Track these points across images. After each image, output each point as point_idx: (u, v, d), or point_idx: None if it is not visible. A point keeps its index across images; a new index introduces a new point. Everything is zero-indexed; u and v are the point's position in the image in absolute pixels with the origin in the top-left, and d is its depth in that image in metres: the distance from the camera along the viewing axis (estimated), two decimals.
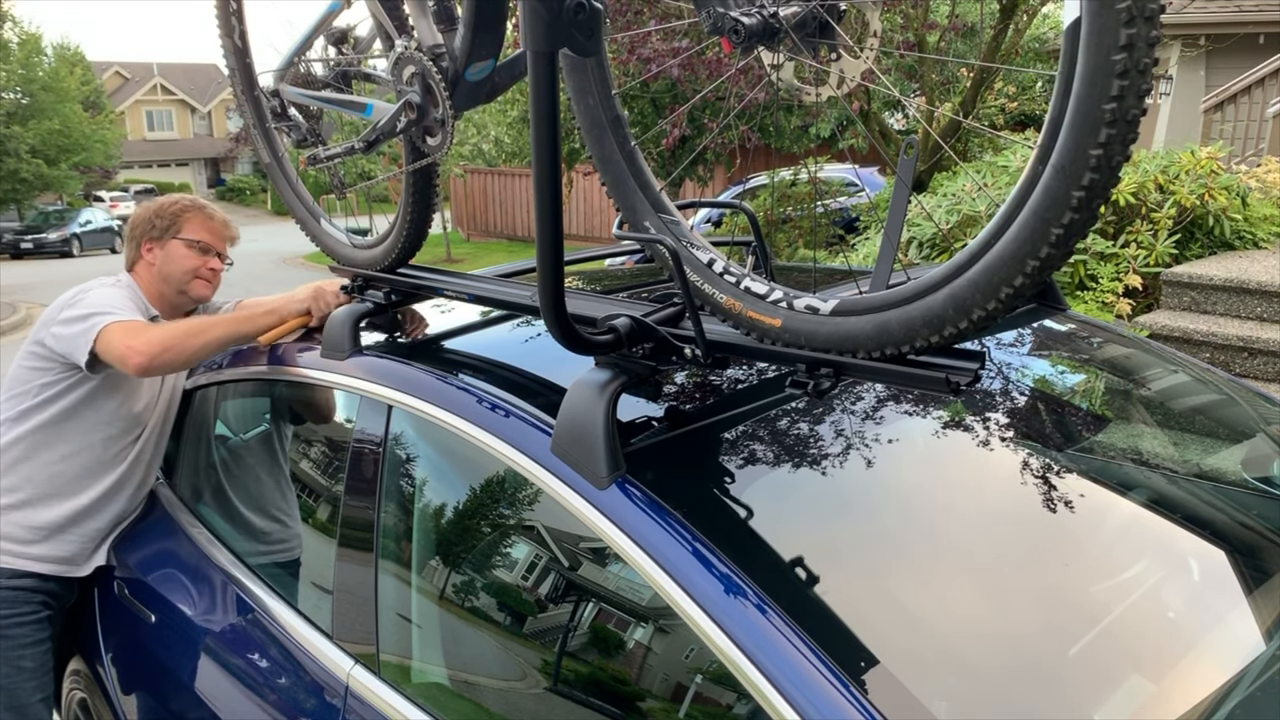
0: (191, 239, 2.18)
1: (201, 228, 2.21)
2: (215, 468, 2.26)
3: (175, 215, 2.20)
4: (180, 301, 2.21)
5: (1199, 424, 1.98)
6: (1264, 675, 1.28)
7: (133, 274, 2.21)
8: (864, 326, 1.19)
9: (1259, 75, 8.37)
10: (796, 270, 2.63)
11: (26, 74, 26.24)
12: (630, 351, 1.41)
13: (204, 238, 2.20)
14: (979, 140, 10.01)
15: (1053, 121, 0.96)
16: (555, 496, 1.36)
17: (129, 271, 2.22)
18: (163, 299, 2.20)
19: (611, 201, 1.48)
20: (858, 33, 1.25)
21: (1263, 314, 4.53)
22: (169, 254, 2.18)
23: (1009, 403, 1.77)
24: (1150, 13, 0.88)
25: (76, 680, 2.33)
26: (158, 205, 2.23)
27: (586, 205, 18.63)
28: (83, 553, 2.16)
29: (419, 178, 1.86)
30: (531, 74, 1.19)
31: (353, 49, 1.94)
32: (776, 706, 1.08)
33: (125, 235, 2.24)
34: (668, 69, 6.83)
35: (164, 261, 2.18)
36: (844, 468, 1.46)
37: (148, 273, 2.19)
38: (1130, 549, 1.53)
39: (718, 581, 1.19)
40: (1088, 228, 0.99)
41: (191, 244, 2.18)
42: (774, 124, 10.61)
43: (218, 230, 2.24)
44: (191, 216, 2.21)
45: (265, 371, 2.06)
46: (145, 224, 2.20)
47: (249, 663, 1.83)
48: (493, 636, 1.55)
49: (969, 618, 1.32)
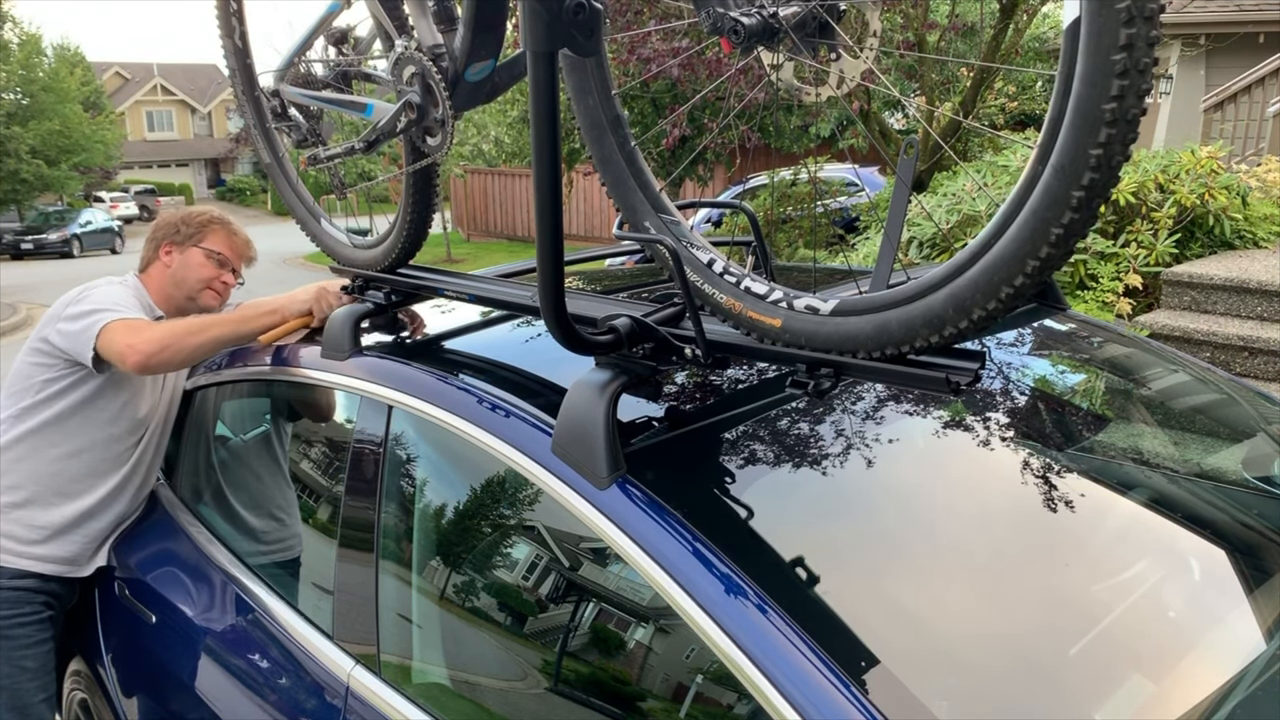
0: (212, 250, 2.22)
1: (224, 242, 2.25)
2: (215, 468, 2.26)
3: (201, 225, 2.23)
4: (187, 308, 2.22)
5: (1199, 424, 1.98)
6: (1264, 675, 1.28)
7: (143, 275, 2.23)
8: (864, 326, 1.19)
9: (1259, 75, 8.37)
10: (796, 270, 2.63)
11: (26, 74, 26.25)
12: (630, 351, 1.41)
13: (224, 251, 2.24)
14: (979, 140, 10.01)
15: (1052, 121, 0.96)
16: (556, 497, 1.36)
17: (141, 273, 2.24)
18: (170, 302, 2.21)
19: (611, 201, 1.48)
20: (857, 33, 1.25)
21: (1263, 313, 4.53)
22: (187, 260, 2.20)
23: (1009, 403, 1.77)
24: (1150, 12, 0.88)
25: (77, 680, 2.33)
26: (186, 212, 2.28)
27: (586, 205, 18.63)
28: (85, 553, 2.16)
29: (419, 178, 1.86)
30: (531, 74, 1.19)
31: (353, 49, 1.94)
32: (777, 706, 1.08)
33: (147, 236, 2.27)
34: (668, 69, 6.83)
35: (180, 266, 2.20)
36: (844, 468, 1.46)
37: (160, 275, 2.21)
38: (1130, 549, 1.53)
39: (718, 581, 1.19)
40: (1088, 227, 0.99)
41: (211, 254, 2.22)
42: (774, 124, 10.61)
43: (239, 248, 2.28)
44: (216, 229, 2.25)
45: (265, 372, 2.06)
46: (170, 228, 2.23)
47: (249, 663, 1.83)
48: (493, 637, 1.55)
49: (969, 617, 1.32)
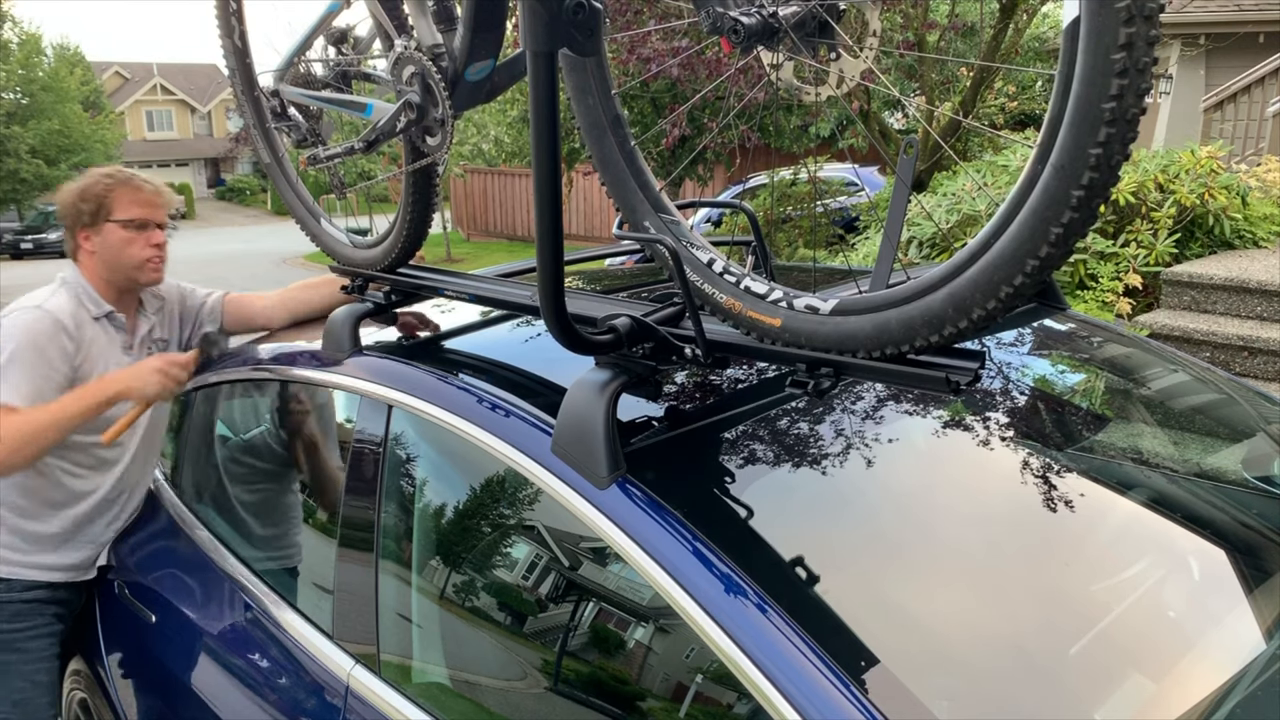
0: (125, 219, 2.02)
1: (132, 203, 2.03)
2: (215, 468, 2.26)
3: (101, 197, 2.02)
4: (137, 283, 2.09)
5: (1199, 423, 1.98)
6: (1264, 675, 1.28)
7: (77, 264, 2.07)
8: (864, 326, 1.19)
9: (1259, 74, 8.37)
10: (796, 270, 2.63)
11: (26, 74, 26.28)
12: (630, 351, 1.41)
13: (137, 214, 2.03)
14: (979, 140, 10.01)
15: (1052, 121, 0.96)
16: (555, 496, 1.36)
17: (74, 260, 2.07)
18: (111, 287, 2.07)
19: (611, 201, 1.48)
20: (857, 32, 1.25)
21: (1263, 313, 4.53)
22: (106, 240, 2.02)
23: (1009, 403, 1.77)
24: (1150, 12, 0.88)
25: (77, 680, 2.33)
26: (80, 188, 2.04)
27: (586, 205, 18.63)
28: (91, 557, 2.15)
29: (419, 178, 1.86)
30: (531, 74, 1.19)
31: (352, 49, 1.94)
32: (777, 706, 1.08)
33: (64, 223, 2.07)
34: (668, 69, 6.83)
35: (104, 249, 2.03)
36: (844, 468, 1.46)
37: (91, 263, 2.05)
38: (1130, 548, 1.53)
39: (718, 581, 1.19)
40: (1087, 227, 0.99)
41: (127, 224, 2.02)
42: (774, 124, 10.61)
43: (150, 200, 2.06)
44: (119, 193, 2.02)
45: (265, 372, 2.06)
46: (73, 212, 2.03)
47: (249, 662, 1.83)
48: (493, 636, 1.55)
49: (970, 617, 1.32)
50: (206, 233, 31.66)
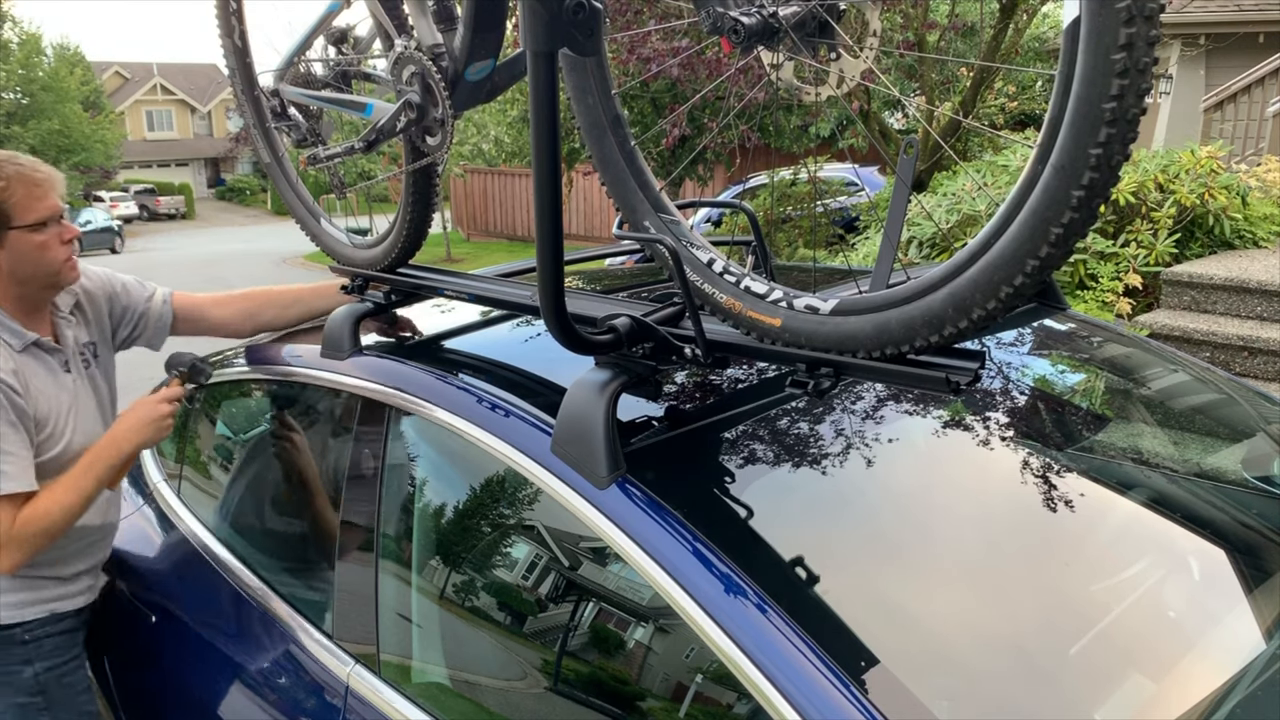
0: (33, 221, 1.74)
1: (32, 201, 1.74)
2: (215, 468, 2.25)
3: None
4: (51, 295, 1.86)
5: (1199, 423, 1.97)
6: (1264, 675, 1.28)
7: None
8: (864, 326, 1.19)
9: (1259, 74, 8.37)
10: (796, 270, 2.63)
11: (26, 74, 26.32)
12: (630, 351, 1.41)
13: (42, 212, 1.76)
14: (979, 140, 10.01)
15: (1052, 121, 0.96)
16: (555, 496, 1.36)
17: None
18: (23, 304, 1.80)
19: (611, 201, 1.48)
20: (857, 32, 1.25)
21: (1263, 313, 4.53)
22: (15, 252, 1.75)
23: (1009, 403, 1.77)
24: (1150, 12, 0.88)
25: None
26: None
27: (586, 205, 18.63)
28: (97, 569, 2.12)
29: (419, 177, 1.86)
30: (531, 74, 1.19)
31: (352, 49, 1.94)
32: (777, 706, 1.08)
33: None
34: (668, 69, 6.83)
35: (14, 262, 1.76)
36: (844, 468, 1.46)
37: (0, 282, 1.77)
38: (1130, 548, 1.53)
39: (718, 581, 1.19)
40: (1088, 227, 0.99)
41: (35, 228, 1.74)
42: (774, 124, 10.61)
43: (47, 192, 1.78)
44: (15, 193, 1.73)
45: (265, 371, 2.06)
46: None
47: (249, 662, 1.83)
48: (493, 636, 1.55)
49: (970, 617, 1.32)
50: (206, 232, 31.71)
